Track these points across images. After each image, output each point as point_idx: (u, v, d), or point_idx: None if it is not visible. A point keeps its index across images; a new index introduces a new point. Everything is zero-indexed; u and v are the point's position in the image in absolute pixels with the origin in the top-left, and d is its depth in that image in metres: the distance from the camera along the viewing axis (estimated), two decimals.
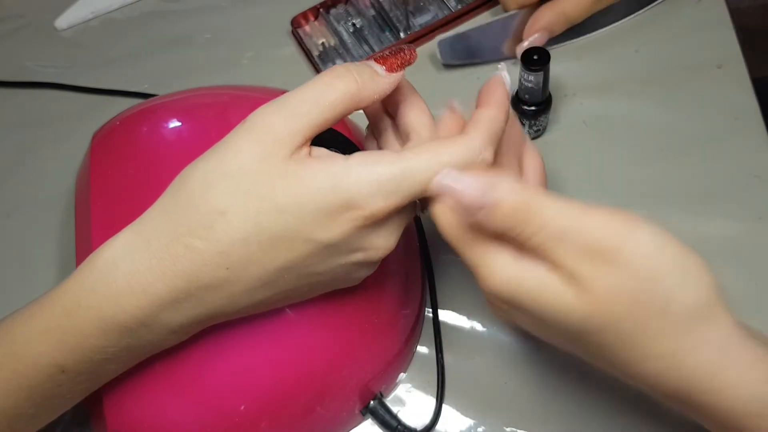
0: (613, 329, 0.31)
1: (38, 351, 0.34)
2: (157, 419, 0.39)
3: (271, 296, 0.35)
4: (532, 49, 0.51)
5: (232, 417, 0.40)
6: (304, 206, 0.32)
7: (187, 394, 0.39)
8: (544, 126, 0.56)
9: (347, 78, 0.33)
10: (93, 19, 0.67)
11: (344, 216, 0.32)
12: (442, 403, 0.47)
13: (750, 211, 0.51)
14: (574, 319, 0.31)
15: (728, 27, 0.59)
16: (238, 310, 0.35)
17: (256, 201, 0.32)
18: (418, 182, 0.33)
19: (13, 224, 0.56)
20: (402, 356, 0.47)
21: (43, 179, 0.58)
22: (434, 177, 0.33)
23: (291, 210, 0.32)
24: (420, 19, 0.62)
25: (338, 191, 0.32)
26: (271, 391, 0.40)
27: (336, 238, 0.33)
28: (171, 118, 0.45)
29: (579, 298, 0.30)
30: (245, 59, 0.63)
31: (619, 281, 0.30)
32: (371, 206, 0.32)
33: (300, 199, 0.32)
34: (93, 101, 0.62)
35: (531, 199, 0.31)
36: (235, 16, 0.66)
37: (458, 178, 0.32)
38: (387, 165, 0.32)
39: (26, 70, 0.64)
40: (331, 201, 0.32)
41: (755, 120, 0.54)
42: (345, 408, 0.45)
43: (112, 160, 0.44)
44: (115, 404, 0.39)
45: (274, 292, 0.35)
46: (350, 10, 0.63)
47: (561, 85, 0.58)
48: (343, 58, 0.61)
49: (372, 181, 0.32)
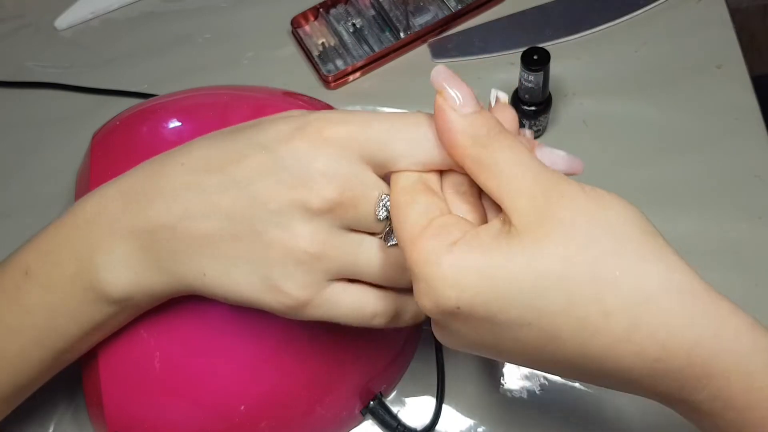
0: (564, 280, 0.27)
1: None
2: (157, 419, 0.39)
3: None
4: (532, 49, 0.51)
5: (232, 417, 0.40)
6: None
7: (187, 394, 0.39)
8: (544, 126, 0.56)
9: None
10: (93, 19, 0.67)
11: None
12: (442, 403, 0.47)
13: (750, 211, 0.51)
14: (525, 276, 0.27)
15: (728, 27, 0.59)
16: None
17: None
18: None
19: (13, 224, 0.56)
20: (402, 356, 0.47)
21: (43, 179, 0.58)
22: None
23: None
24: (420, 19, 0.62)
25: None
26: (271, 391, 0.40)
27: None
28: (171, 118, 0.45)
29: (526, 246, 0.28)
30: (245, 59, 0.63)
31: (570, 221, 0.28)
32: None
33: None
34: (93, 101, 0.62)
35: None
36: (235, 16, 0.66)
37: (453, 74, 0.31)
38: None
39: (26, 70, 0.64)
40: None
41: (755, 120, 0.54)
42: (345, 408, 0.45)
43: (112, 160, 0.44)
44: (115, 404, 0.39)
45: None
46: (350, 10, 0.63)
47: (561, 85, 0.58)
48: (343, 58, 0.61)
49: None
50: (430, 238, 0.29)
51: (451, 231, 0.29)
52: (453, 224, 0.30)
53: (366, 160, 0.33)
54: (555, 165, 0.33)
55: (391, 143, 0.33)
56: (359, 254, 0.34)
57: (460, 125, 0.30)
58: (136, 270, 0.34)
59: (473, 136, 0.30)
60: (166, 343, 0.39)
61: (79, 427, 0.47)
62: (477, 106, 0.31)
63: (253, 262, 0.33)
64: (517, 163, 0.29)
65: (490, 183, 0.30)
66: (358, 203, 0.33)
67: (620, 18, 0.60)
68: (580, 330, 0.28)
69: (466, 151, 0.30)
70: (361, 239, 0.34)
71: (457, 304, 0.28)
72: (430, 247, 0.29)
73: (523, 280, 0.28)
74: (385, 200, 0.33)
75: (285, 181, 0.32)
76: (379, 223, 0.34)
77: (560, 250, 0.27)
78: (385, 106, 0.59)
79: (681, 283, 0.28)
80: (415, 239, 0.30)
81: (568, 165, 0.34)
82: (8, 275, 0.36)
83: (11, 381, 0.37)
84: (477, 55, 0.60)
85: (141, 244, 0.34)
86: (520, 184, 0.29)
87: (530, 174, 0.29)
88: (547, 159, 0.33)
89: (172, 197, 0.34)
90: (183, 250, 0.34)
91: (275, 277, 0.33)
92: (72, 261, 0.35)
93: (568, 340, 0.28)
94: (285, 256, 0.32)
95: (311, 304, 0.33)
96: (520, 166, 0.29)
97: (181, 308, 0.38)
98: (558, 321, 0.28)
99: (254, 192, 0.33)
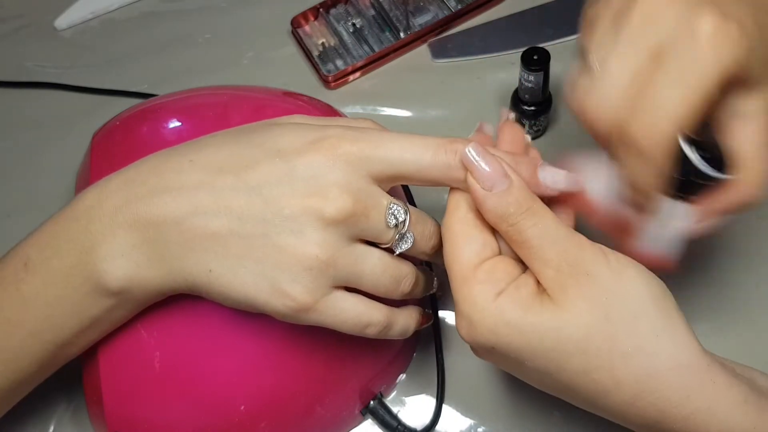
0: (584, 348, 0.31)
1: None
2: (157, 419, 0.39)
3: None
4: (532, 49, 0.51)
5: (232, 417, 0.40)
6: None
7: (187, 394, 0.39)
8: (544, 126, 0.56)
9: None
10: (93, 19, 0.67)
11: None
12: (442, 403, 0.47)
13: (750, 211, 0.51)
14: (551, 337, 0.31)
15: None
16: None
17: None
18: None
19: (13, 224, 0.56)
20: (402, 356, 0.47)
21: (43, 179, 0.58)
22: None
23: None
24: (420, 19, 0.62)
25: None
26: (271, 391, 0.40)
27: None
28: (171, 118, 0.45)
29: (554, 312, 0.32)
30: (245, 59, 0.63)
31: (592, 295, 0.31)
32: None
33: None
34: (93, 101, 0.62)
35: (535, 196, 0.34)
36: (235, 16, 0.66)
37: (483, 153, 0.33)
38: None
39: (26, 70, 0.64)
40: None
41: None
42: (345, 408, 0.45)
43: (112, 160, 0.44)
44: (115, 403, 0.39)
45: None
46: (350, 10, 0.63)
47: (561, 85, 0.58)
48: (343, 58, 0.61)
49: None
50: (479, 283, 0.33)
51: (499, 278, 0.33)
52: (501, 270, 0.33)
53: (374, 177, 0.35)
54: (556, 184, 0.36)
55: (400, 166, 0.35)
56: (365, 265, 0.35)
57: (489, 205, 0.33)
58: (137, 262, 0.35)
59: (502, 215, 0.33)
60: (166, 342, 0.39)
61: (78, 426, 0.47)
62: (505, 182, 0.33)
63: (262, 264, 0.34)
64: (544, 237, 0.32)
65: (521, 252, 0.33)
66: (369, 213, 0.34)
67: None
68: (594, 389, 0.32)
69: (496, 226, 0.34)
70: (367, 250, 0.35)
71: (492, 346, 0.33)
72: (477, 291, 0.33)
73: (550, 342, 0.31)
74: (393, 208, 0.35)
75: (300, 189, 0.34)
76: (388, 231, 0.35)
77: (583, 321, 0.31)
78: (385, 106, 0.59)
79: (685, 359, 0.31)
80: (466, 278, 0.33)
81: (568, 184, 0.37)
82: (8, 267, 0.36)
83: (10, 376, 0.37)
84: (477, 55, 0.60)
85: (144, 237, 0.34)
86: (547, 257, 0.32)
87: (556, 249, 0.32)
88: (549, 178, 0.36)
89: (181, 193, 0.34)
90: (189, 246, 0.34)
91: (283, 280, 0.34)
92: (71, 252, 0.35)
93: (582, 393, 0.32)
94: (295, 261, 0.33)
95: (313, 309, 0.34)
96: (546, 240, 0.32)
97: (182, 308, 0.38)
98: (575, 379, 0.32)
99: (268, 197, 0.34)
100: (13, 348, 0.36)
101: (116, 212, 0.35)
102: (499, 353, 0.33)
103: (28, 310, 0.36)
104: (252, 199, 0.34)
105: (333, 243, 0.34)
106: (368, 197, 0.34)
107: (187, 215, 0.34)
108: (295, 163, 0.34)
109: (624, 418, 0.33)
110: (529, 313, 0.32)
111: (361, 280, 0.36)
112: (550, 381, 0.33)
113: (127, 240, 0.34)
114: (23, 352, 0.36)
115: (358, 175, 0.34)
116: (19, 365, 0.37)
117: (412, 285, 0.38)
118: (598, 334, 0.31)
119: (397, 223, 0.35)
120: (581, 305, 0.31)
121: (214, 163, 0.35)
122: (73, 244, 0.35)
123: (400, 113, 0.59)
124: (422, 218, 0.37)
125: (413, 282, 0.38)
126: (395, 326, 0.38)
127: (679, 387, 0.31)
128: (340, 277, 0.35)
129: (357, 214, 0.34)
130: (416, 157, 0.34)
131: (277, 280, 0.34)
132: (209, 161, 0.35)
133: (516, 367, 0.34)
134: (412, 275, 0.38)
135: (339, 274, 0.35)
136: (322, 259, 0.34)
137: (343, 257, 0.34)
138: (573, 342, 0.31)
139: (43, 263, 0.35)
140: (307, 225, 0.33)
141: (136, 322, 0.38)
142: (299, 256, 0.33)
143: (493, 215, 0.33)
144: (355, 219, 0.34)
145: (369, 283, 0.36)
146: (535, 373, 0.33)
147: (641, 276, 0.32)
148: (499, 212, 0.33)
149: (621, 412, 0.32)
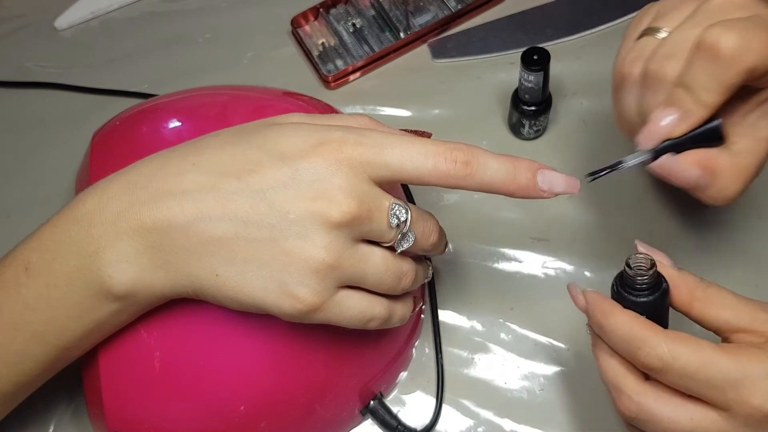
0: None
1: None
2: (157, 419, 0.39)
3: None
4: (532, 49, 0.51)
5: (232, 417, 0.40)
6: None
7: (187, 394, 0.39)
8: (544, 126, 0.56)
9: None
10: (93, 19, 0.67)
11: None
12: (442, 403, 0.47)
13: (750, 211, 0.51)
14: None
15: None
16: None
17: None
18: None
19: (13, 224, 0.56)
20: (402, 356, 0.47)
21: (43, 179, 0.58)
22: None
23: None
24: (420, 19, 0.62)
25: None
26: (271, 391, 0.40)
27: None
28: (171, 118, 0.45)
29: (727, 420, 0.33)
30: (245, 59, 0.63)
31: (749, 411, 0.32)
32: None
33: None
34: (93, 101, 0.62)
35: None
36: (235, 16, 0.66)
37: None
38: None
39: (26, 70, 0.64)
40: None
41: None
42: (345, 408, 0.45)
43: (112, 160, 0.44)
44: (115, 404, 0.39)
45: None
46: (350, 10, 0.63)
47: (561, 85, 0.58)
48: (343, 58, 0.61)
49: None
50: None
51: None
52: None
53: (375, 179, 0.35)
54: (555, 187, 0.36)
55: (400, 172, 0.35)
56: (369, 265, 0.36)
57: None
58: (142, 267, 0.35)
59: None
60: (166, 343, 0.39)
61: (78, 426, 0.47)
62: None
63: (269, 267, 0.34)
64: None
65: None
66: (372, 215, 0.35)
67: (620, 18, 0.60)
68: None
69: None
70: (370, 251, 0.36)
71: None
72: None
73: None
74: (395, 209, 0.35)
75: (305, 193, 0.34)
76: (391, 231, 0.36)
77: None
78: (385, 106, 0.59)
79: None
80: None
81: (566, 186, 0.37)
82: (8, 271, 0.36)
83: (13, 379, 0.37)
84: (477, 55, 0.60)
85: (148, 242, 0.34)
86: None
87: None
88: (547, 182, 0.36)
89: (185, 197, 0.34)
90: (195, 251, 0.34)
91: (290, 283, 0.34)
92: (73, 256, 0.35)
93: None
94: (302, 265, 0.34)
95: (320, 309, 0.35)
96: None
97: (182, 308, 0.38)
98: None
99: (273, 201, 0.34)
100: (16, 351, 0.36)
101: (118, 217, 0.35)
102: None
103: (31, 314, 0.36)
104: (257, 203, 0.34)
105: (338, 245, 0.34)
106: (371, 200, 0.35)
107: (193, 220, 0.34)
108: (297, 166, 0.34)
109: None
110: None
111: (365, 279, 0.36)
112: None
113: (132, 245, 0.34)
114: (26, 355, 0.36)
115: (361, 178, 0.35)
116: (22, 368, 0.37)
117: (412, 281, 0.38)
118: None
119: (399, 223, 0.36)
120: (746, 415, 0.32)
121: (216, 165, 0.35)
122: (75, 248, 0.35)
123: (400, 113, 0.59)
124: (423, 216, 0.38)
125: (413, 278, 0.38)
126: (395, 317, 0.39)
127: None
128: (346, 278, 0.35)
129: (361, 216, 0.34)
130: (416, 165, 0.35)
131: (285, 283, 0.34)
132: (211, 164, 0.35)
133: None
134: (413, 271, 0.38)
135: (344, 275, 0.35)
136: (328, 262, 0.34)
137: (348, 259, 0.35)
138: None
139: (44, 266, 0.35)
140: (313, 229, 0.34)
141: (136, 322, 0.38)
142: (306, 259, 0.34)
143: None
144: (360, 221, 0.34)
145: (373, 281, 0.36)
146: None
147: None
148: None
149: None
